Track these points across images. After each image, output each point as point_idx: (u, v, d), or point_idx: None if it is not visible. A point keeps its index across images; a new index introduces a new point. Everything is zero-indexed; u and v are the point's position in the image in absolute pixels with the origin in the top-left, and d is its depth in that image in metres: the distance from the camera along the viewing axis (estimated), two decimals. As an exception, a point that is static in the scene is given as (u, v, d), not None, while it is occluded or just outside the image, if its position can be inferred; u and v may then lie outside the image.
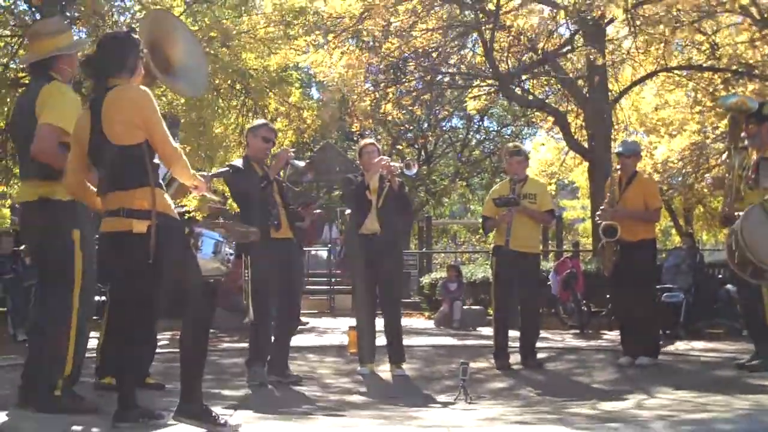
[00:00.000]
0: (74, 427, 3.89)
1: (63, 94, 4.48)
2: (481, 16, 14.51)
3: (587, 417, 4.81)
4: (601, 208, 7.56)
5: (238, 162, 6.50)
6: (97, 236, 4.26)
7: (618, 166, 7.58)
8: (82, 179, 4.25)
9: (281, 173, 6.55)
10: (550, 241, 23.65)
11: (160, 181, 4.15)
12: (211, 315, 4.24)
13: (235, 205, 7.78)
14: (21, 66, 11.13)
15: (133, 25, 5.31)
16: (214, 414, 4.00)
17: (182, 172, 4.28)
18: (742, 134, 6.79)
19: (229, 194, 7.62)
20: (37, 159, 4.35)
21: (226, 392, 6.03)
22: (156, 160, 4.09)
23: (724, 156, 15.72)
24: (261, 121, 6.95)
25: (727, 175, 6.83)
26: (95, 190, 4.20)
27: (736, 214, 6.40)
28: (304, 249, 18.84)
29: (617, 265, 7.27)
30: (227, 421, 4.02)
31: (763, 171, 6.55)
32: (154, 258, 3.86)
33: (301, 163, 6.83)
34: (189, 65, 4.73)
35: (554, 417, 4.88)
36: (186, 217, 13.34)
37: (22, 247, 10.16)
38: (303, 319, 13.11)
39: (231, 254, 4.46)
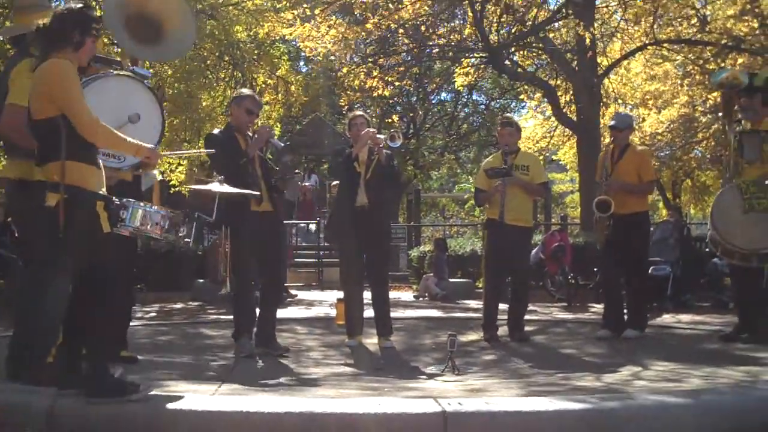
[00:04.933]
0: (65, 398, 3.85)
1: (31, 72, 4.39)
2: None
3: (593, 390, 4.71)
4: (597, 181, 7.56)
5: (218, 131, 6.46)
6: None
7: (611, 139, 7.59)
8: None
9: (262, 149, 6.49)
10: (538, 215, 23.64)
11: (100, 156, 4.25)
12: (116, 288, 4.27)
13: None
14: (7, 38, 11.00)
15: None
16: (125, 384, 3.96)
17: (114, 145, 4.29)
18: (736, 108, 6.81)
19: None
20: (4, 137, 4.31)
21: (212, 364, 6.02)
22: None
23: (713, 129, 15.84)
24: (247, 91, 6.83)
25: (724, 150, 6.86)
26: None
27: None
28: (294, 222, 18.95)
29: (609, 238, 7.27)
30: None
31: (747, 145, 6.59)
32: (63, 231, 3.92)
33: (281, 144, 6.77)
34: (179, 28, 4.64)
35: (558, 389, 4.83)
36: (170, 191, 13.30)
37: (10, 219, 10.08)
38: (291, 291, 13.16)
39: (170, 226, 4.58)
